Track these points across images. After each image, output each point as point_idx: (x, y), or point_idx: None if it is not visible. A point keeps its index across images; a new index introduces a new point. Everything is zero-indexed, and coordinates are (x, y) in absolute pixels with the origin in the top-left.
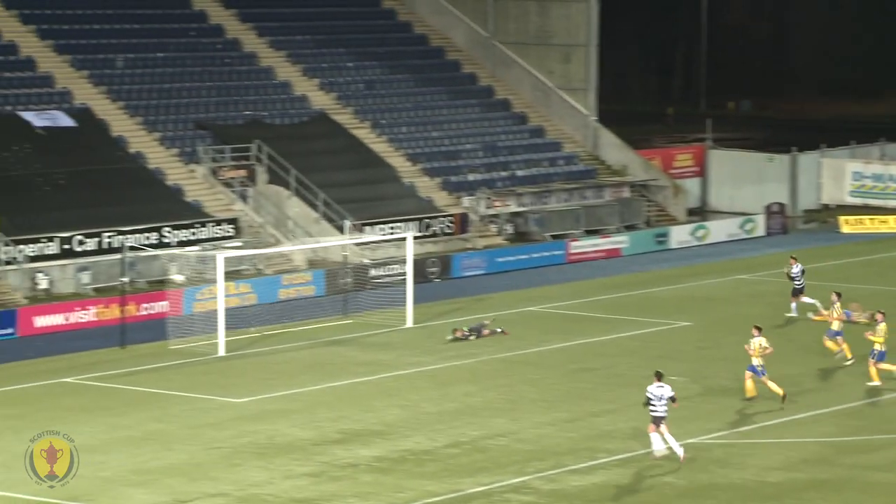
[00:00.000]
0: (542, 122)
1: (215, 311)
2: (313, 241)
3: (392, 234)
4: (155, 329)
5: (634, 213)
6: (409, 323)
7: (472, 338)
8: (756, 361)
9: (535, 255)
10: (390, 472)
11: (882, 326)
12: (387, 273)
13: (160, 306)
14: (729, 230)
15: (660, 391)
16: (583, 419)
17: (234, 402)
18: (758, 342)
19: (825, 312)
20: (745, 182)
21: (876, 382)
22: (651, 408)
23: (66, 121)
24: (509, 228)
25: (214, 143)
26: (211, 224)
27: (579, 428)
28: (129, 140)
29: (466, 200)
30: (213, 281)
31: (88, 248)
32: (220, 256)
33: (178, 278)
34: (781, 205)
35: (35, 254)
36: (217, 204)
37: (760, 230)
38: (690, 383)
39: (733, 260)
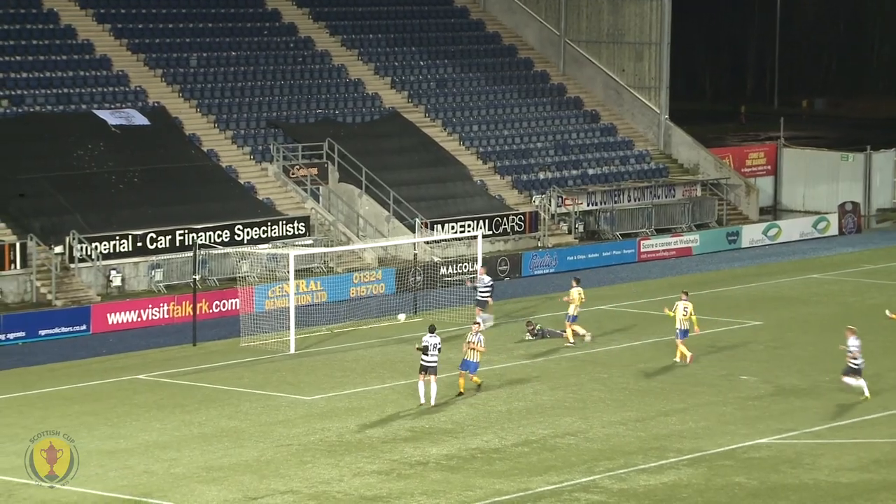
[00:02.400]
0: (613, 120)
1: (286, 308)
2: (384, 239)
3: (462, 232)
4: (226, 326)
5: (706, 211)
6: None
7: (533, 338)
8: (475, 357)
9: (605, 254)
10: (459, 470)
11: (574, 291)
12: (457, 271)
13: (232, 304)
14: (802, 229)
15: (434, 340)
16: (652, 418)
17: (305, 400)
18: (477, 339)
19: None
20: (818, 181)
21: (571, 342)
22: (425, 357)
23: (139, 119)
24: (580, 227)
25: (286, 142)
26: (282, 222)
27: (649, 427)
28: (202, 138)
29: (537, 199)
30: (285, 279)
31: (161, 246)
32: (292, 254)
33: (402, 317)
34: (855, 203)
35: (108, 251)
36: (288, 202)
37: (833, 229)
38: (761, 383)
39: (806, 259)
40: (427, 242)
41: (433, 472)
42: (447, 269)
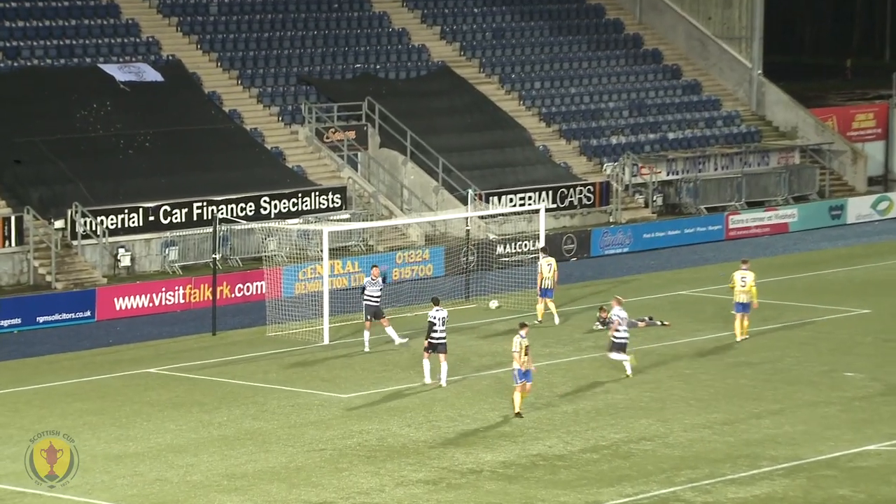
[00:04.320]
0: (697, 76)
1: (319, 293)
2: (432, 213)
3: (522, 205)
4: (250, 313)
5: (805, 182)
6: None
7: (604, 327)
8: (521, 364)
9: (688, 231)
10: (518, 479)
11: (542, 262)
12: (516, 251)
13: (257, 287)
14: None
15: (440, 314)
16: (742, 421)
17: (340, 398)
18: (522, 343)
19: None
20: None
21: (539, 320)
22: (434, 334)
23: (152, 74)
24: (658, 200)
25: (320, 101)
26: (315, 193)
27: (738, 431)
28: (224, 97)
29: (609, 167)
30: (317, 259)
31: (176, 221)
32: (326, 230)
33: (494, 304)
34: None
35: (116, 226)
36: (322, 170)
37: None
38: (869, 381)
39: None
40: (482, 217)
41: (488, 482)
42: (505, 247)
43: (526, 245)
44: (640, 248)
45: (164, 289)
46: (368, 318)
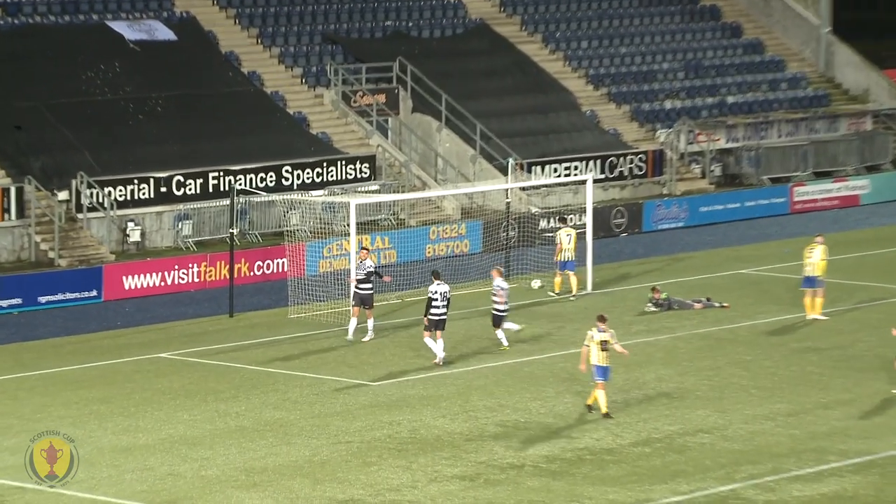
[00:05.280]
0: (760, 34)
1: (345, 271)
2: (469, 184)
3: (568, 176)
4: (271, 293)
5: (878, 150)
6: (589, 288)
7: (657, 309)
8: (602, 361)
9: (749, 204)
10: (563, 475)
11: (561, 233)
12: (560, 225)
13: (278, 265)
14: None
15: (441, 289)
16: (808, 412)
17: (368, 386)
18: (601, 337)
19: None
20: None
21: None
22: (433, 310)
23: (164, 33)
24: (717, 170)
25: (347, 62)
26: (341, 162)
27: (804, 423)
28: (242, 57)
29: (662, 134)
30: (344, 234)
31: (190, 192)
32: (353, 203)
33: (536, 283)
34: None
35: (124, 198)
36: (349, 137)
37: None
38: None
39: None
40: (523, 189)
41: (530, 478)
42: (548, 222)
43: (572, 219)
44: (696, 223)
45: (176, 266)
46: (368, 310)
